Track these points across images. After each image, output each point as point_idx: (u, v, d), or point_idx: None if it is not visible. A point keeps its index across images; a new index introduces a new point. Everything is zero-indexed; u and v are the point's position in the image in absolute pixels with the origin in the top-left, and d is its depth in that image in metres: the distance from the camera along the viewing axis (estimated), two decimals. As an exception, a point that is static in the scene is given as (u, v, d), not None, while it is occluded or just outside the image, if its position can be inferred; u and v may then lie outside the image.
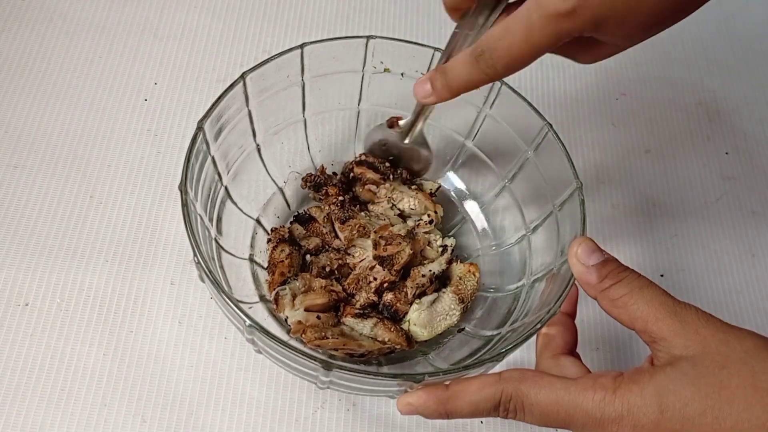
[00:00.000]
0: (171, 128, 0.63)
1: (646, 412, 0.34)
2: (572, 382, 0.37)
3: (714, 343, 0.34)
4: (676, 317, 0.35)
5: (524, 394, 0.37)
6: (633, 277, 0.37)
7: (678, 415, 0.33)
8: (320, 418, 0.50)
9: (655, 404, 0.34)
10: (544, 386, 0.37)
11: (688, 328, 0.35)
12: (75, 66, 0.66)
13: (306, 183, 0.56)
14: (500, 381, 0.38)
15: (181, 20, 0.70)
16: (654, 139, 0.67)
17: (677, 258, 0.60)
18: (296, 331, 0.48)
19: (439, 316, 0.51)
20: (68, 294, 0.54)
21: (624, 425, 0.34)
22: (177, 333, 0.53)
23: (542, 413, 0.37)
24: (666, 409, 0.33)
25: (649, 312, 0.36)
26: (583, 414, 0.35)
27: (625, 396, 0.35)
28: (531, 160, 0.53)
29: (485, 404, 0.39)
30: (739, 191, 0.65)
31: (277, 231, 0.54)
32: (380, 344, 0.48)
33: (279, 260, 0.52)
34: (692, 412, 0.33)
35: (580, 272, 0.38)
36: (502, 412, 0.38)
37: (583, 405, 0.35)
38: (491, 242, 0.57)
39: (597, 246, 0.39)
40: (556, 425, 0.37)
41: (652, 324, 0.36)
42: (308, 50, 0.52)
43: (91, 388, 0.50)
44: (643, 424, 0.34)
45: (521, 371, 0.39)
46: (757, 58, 0.74)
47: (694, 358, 0.34)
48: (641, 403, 0.34)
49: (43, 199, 0.58)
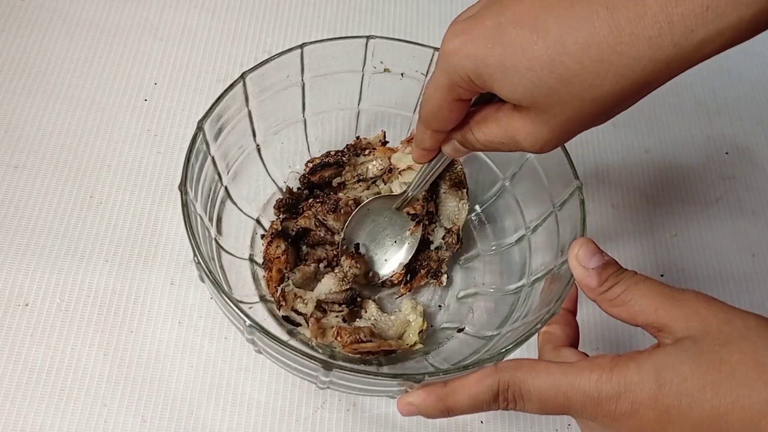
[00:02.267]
0: (171, 128, 0.63)
1: (643, 388, 0.33)
2: (569, 365, 0.36)
3: (715, 322, 0.34)
4: (675, 303, 0.35)
5: (521, 380, 0.37)
6: (629, 275, 0.37)
7: (676, 391, 0.33)
8: (320, 418, 0.50)
9: (652, 380, 0.33)
10: (540, 371, 0.37)
11: (687, 311, 0.35)
12: (75, 66, 0.66)
13: (280, 209, 0.55)
14: (497, 371, 0.38)
15: (181, 20, 0.70)
16: (654, 139, 0.67)
17: (677, 258, 0.60)
18: (316, 334, 0.49)
19: (454, 214, 0.54)
20: (68, 294, 0.54)
21: (622, 402, 0.34)
22: (177, 333, 0.53)
23: (540, 398, 0.37)
24: (664, 384, 0.33)
25: (648, 304, 0.36)
26: (581, 395, 0.35)
27: (622, 373, 0.34)
28: (531, 160, 0.53)
29: (483, 396, 0.38)
30: (739, 191, 0.65)
31: (272, 225, 0.54)
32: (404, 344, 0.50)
33: (275, 256, 0.52)
34: (691, 387, 0.32)
35: (580, 275, 0.38)
36: (502, 403, 0.38)
37: (580, 386, 0.35)
38: (491, 242, 0.57)
39: (597, 248, 0.38)
40: (556, 410, 0.36)
41: (652, 315, 0.35)
42: (308, 50, 0.52)
43: (91, 388, 0.50)
44: (641, 400, 0.33)
45: (517, 360, 0.38)
46: (757, 57, 0.74)
47: (695, 337, 0.34)
48: (638, 379, 0.33)
49: (43, 199, 0.58)
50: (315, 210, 0.54)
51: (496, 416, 0.51)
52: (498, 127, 0.39)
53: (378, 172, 0.55)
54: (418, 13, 0.73)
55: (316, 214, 0.53)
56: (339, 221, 0.53)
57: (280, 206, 0.55)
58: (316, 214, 0.53)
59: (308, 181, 0.56)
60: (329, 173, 0.56)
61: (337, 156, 0.56)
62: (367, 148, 0.56)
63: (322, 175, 0.56)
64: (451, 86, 0.38)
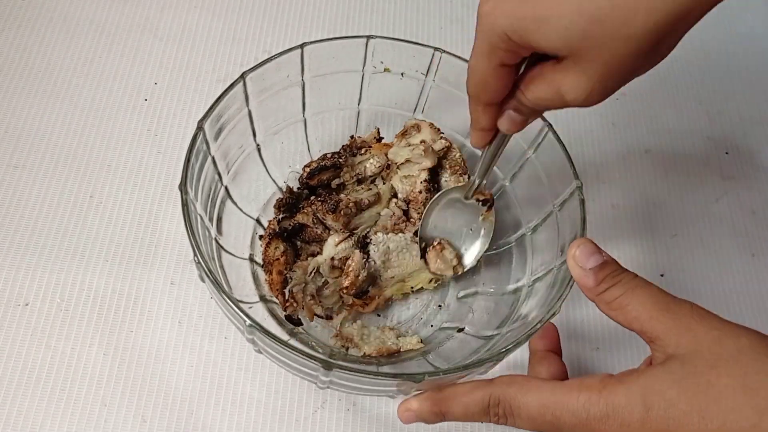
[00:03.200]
0: (171, 128, 0.63)
1: (631, 411, 0.33)
2: (559, 384, 0.37)
3: (706, 342, 0.34)
4: (670, 314, 0.35)
5: (511, 397, 0.38)
6: (628, 278, 0.37)
7: (663, 415, 0.33)
8: (320, 418, 0.50)
9: (640, 404, 0.33)
10: (531, 389, 0.37)
11: (680, 326, 0.35)
12: (75, 66, 0.66)
13: (279, 209, 0.55)
14: (489, 385, 0.39)
15: (181, 20, 0.70)
16: (654, 139, 0.67)
17: (677, 258, 0.60)
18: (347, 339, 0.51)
19: None
20: (68, 294, 0.54)
21: (610, 424, 0.34)
22: (177, 333, 0.53)
23: (530, 416, 0.37)
24: (651, 408, 0.33)
25: (644, 311, 0.36)
26: (569, 415, 0.35)
27: (610, 396, 0.34)
28: (531, 160, 0.53)
29: (474, 407, 0.39)
30: (739, 191, 0.65)
31: (269, 225, 0.54)
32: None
33: (274, 258, 0.52)
34: (677, 412, 0.32)
35: (578, 275, 0.38)
36: (492, 417, 0.39)
37: (569, 406, 0.35)
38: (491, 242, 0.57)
39: (596, 247, 0.38)
40: (545, 428, 0.37)
41: (647, 323, 0.35)
42: (308, 50, 0.52)
43: (91, 387, 0.50)
44: (629, 422, 0.33)
45: (511, 376, 0.39)
46: (757, 57, 0.74)
47: (684, 357, 0.34)
48: (626, 402, 0.34)
49: (43, 199, 0.58)
50: (315, 207, 0.54)
51: (496, 416, 0.51)
52: (544, 83, 0.38)
53: (376, 170, 0.55)
54: (418, 13, 0.73)
55: (315, 212, 0.54)
56: (338, 221, 0.53)
57: (280, 206, 0.55)
58: (316, 211, 0.53)
59: (307, 185, 0.56)
60: (327, 176, 0.55)
61: (333, 158, 0.56)
62: (363, 147, 0.56)
63: (321, 178, 0.55)
64: (492, 50, 0.37)
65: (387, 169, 0.55)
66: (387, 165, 0.55)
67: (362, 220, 0.54)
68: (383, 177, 0.56)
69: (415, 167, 0.54)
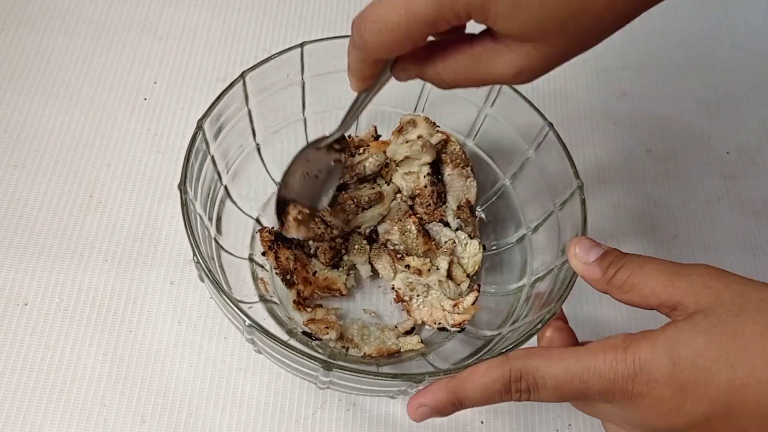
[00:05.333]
0: (171, 127, 0.63)
1: (658, 366, 0.33)
2: (581, 349, 0.35)
3: (728, 294, 0.33)
4: (684, 277, 0.34)
5: (534, 368, 0.36)
6: (632, 258, 0.37)
7: (691, 366, 0.32)
8: (320, 418, 0.50)
9: (666, 357, 0.33)
10: (553, 358, 0.36)
11: (696, 285, 0.34)
12: (74, 65, 0.66)
13: (267, 243, 0.53)
14: (507, 360, 0.37)
15: (181, 19, 0.70)
16: (655, 139, 0.67)
17: (678, 258, 0.60)
18: None
19: (463, 193, 0.54)
20: (68, 294, 0.54)
21: (638, 382, 0.33)
22: (177, 333, 0.53)
23: (556, 386, 0.35)
24: (678, 361, 0.32)
25: (657, 284, 0.35)
26: (597, 378, 0.34)
27: (636, 352, 0.33)
28: (532, 160, 0.53)
29: (495, 385, 0.37)
30: (740, 191, 0.65)
31: (263, 238, 0.52)
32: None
33: (293, 269, 0.51)
34: (705, 361, 0.32)
35: (583, 271, 0.38)
36: (514, 393, 0.37)
37: (595, 368, 0.34)
38: (492, 242, 0.57)
39: (593, 241, 0.38)
40: (572, 396, 0.36)
41: (663, 293, 0.35)
42: (308, 49, 0.52)
43: (91, 388, 0.50)
44: (657, 378, 0.33)
45: (527, 349, 0.37)
46: (757, 57, 0.74)
47: (707, 310, 0.33)
48: (652, 357, 0.33)
49: (43, 198, 0.58)
50: None
51: (497, 416, 0.51)
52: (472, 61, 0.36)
53: (375, 168, 0.55)
54: (419, 12, 0.73)
55: None
56: (337, 217, 0.52)
57: (267, 240, 0.53)
58: None
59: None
60: None
61: None
62: (361, 146, 0.56)
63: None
64: (437, 21, 0.34)
65: (386, 167, 0.55)
66: (386, 163, 0.55)
67: (364, 219, 0.54)
68: (383, 175, 0.56)
69: (415, 163, 0.54)
